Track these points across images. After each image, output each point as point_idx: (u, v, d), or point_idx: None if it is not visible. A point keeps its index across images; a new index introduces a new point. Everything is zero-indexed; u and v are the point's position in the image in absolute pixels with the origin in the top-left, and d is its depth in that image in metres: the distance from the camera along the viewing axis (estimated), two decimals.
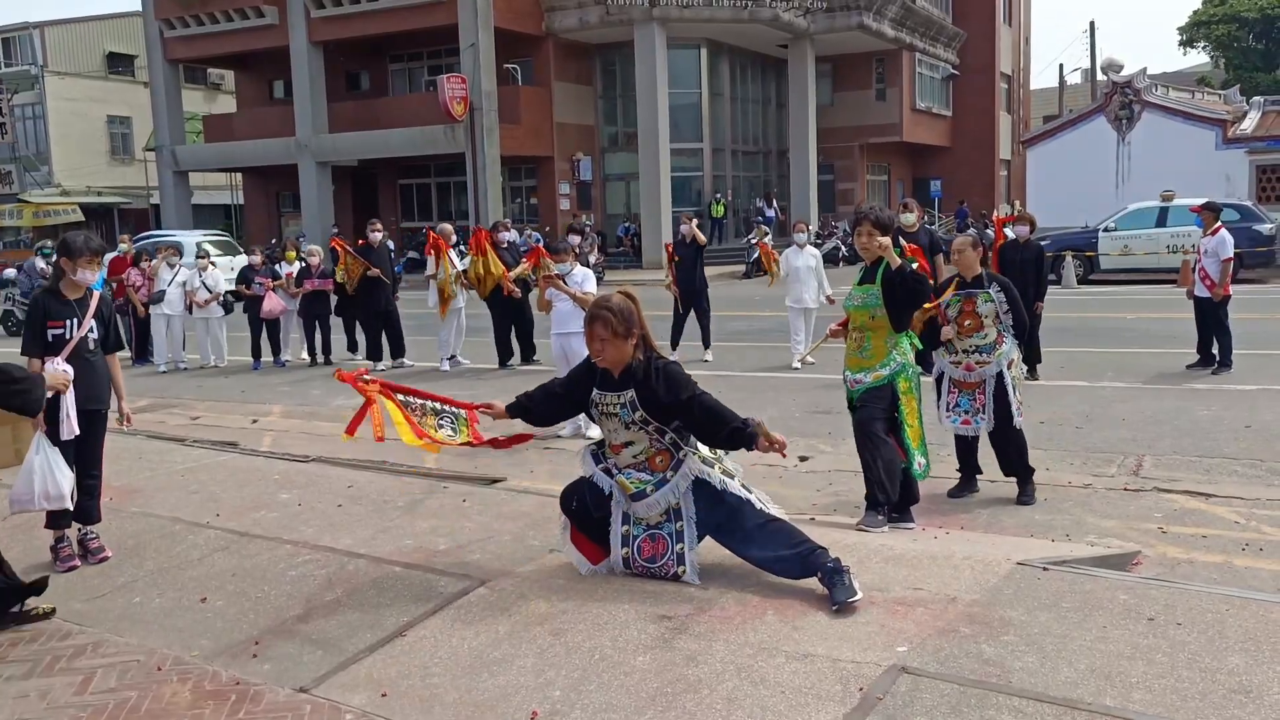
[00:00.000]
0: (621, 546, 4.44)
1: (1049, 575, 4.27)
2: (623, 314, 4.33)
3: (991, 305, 6.41)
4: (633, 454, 4.41)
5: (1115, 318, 15.76)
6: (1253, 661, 3.41)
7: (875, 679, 3.39)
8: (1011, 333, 6.48)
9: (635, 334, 4.37)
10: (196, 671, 3.82)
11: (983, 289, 6.44)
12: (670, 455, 4.39)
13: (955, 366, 6.52)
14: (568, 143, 33.46)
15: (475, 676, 3.63)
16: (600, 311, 4.35)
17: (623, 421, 4.37)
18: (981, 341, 6.46)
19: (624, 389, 4.36)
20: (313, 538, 5.13)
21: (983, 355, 6.45)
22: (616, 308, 4.35)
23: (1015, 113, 46.58)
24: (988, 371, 6.43)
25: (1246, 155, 26.78)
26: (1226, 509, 6.29)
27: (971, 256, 6.48)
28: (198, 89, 45.02)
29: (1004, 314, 6.43)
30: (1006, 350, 6.45)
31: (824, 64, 37.40)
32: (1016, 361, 6.54)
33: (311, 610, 4.28)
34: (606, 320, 4.32)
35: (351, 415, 4.83)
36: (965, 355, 6.49)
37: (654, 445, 4.39)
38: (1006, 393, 6.38)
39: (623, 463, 4.43)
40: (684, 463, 4.38)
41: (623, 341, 4.33)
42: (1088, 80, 47.95)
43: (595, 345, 4.38)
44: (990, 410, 6.42)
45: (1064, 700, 3.19)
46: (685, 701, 3.35)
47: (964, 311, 6.46)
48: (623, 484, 4.39)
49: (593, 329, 4.35)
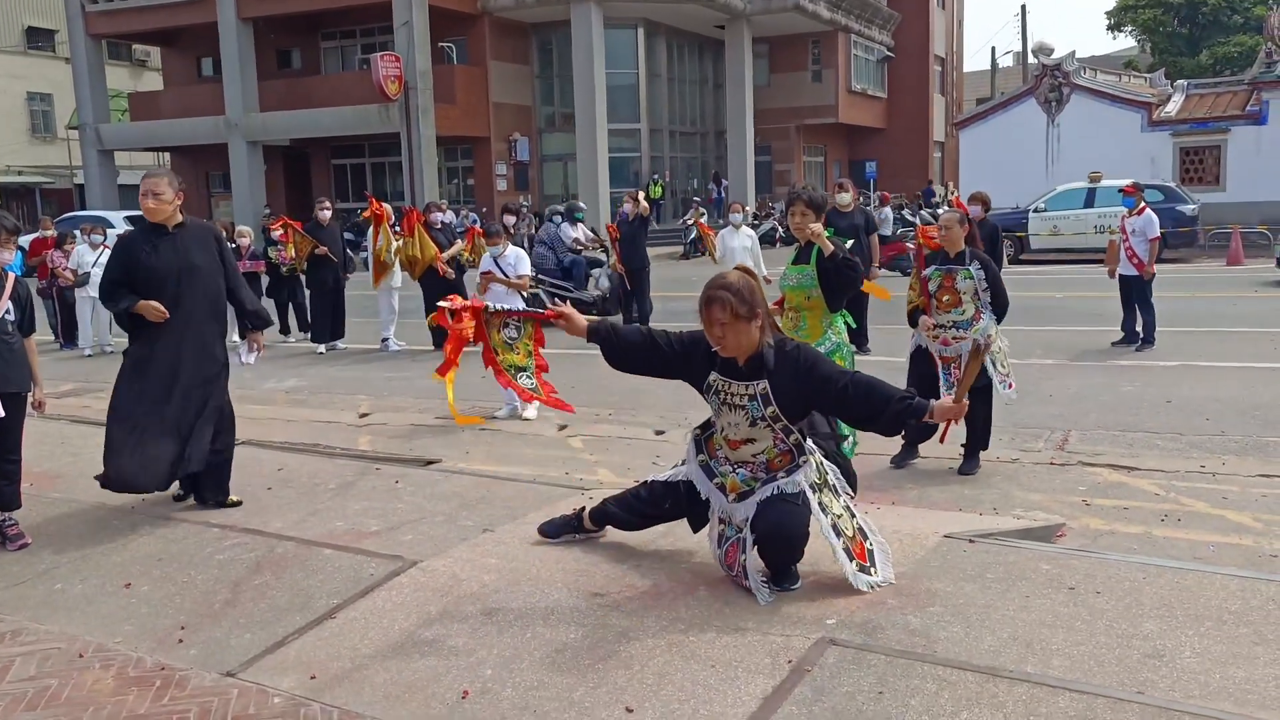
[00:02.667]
0: (717, 546, 4.10)
1: (975, 548, 4.36)
2: (745, 292, 3.77)
3: (971, 282, 6.53)
4: (753, 452, 3.94)
5: (1044, 296, 16.07)
6: (1166, 627, 3.51)
7: (804, 652, 3.44)
8: (990, 310, 6.60)
9: (760, 315, 3.82)
10: (120, 658, 3.74)
11: (963, 266, 6.56)
12: (791, 458, 3.94)
13: (933, 340, 6.64)
14: (504, 123, 33.20)
15: (406, 657, 3.61)
16: (717, 292, 3.76)
17: (750, 416, 3.88)
18: (959, 317, 6.58)
19: (754, 379, 3.86)
20: (241, 521, 5.05)
21: (960, 330, 6.58)
22: (736, 285, 3.77)
23: (949, 95, 47.22)
24: (964, 347, 6.55)
25: (1170, 137, 27.39)
26: (1148, 481, 6.45)
27: (958, 233, 6.57)
28: (123, 65, 43.84)
29: (983, 291, 6.55)
30: (984, 326, 6.57)
31: (760, 45, 37.57)
32: (994, 336, 6.66)
33: (239, 594, 4.22)
34: (725, 302, 3.73)
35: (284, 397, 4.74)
36: (942, 330, 6.62)
37: (778, 446, 3.93)
38: (985, 368, 6.49)
39: (737, 459, 4.00)
40: (799, 469, 3.92)
41: (747, 325, 3.78)
42: (1019, 63, 48.69)
43: (715, 332, 3.82)
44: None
45: (986, 668, 3.26)
46: (617, 677, 3.37)
47: (943, 287, 6.58)
48: (731, 483, 4.00)
49: (710, 312, 3.78)
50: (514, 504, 5.18)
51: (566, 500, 5.13)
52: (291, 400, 10.29)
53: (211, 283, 5.37)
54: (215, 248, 5.46)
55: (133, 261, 5.27)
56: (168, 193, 5.25)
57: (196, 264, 5.30)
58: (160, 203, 5.23)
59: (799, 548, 3.89)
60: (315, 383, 11.25)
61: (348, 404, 9.87)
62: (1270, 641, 3.38)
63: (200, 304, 5.31)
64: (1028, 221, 22.78)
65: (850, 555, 3.90)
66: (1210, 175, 27.24)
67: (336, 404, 9.96)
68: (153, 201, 5.22)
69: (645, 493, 4.34)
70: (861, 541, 4.00)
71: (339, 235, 14.05)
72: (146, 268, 5.23)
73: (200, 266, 5.31)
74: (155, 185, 5.23)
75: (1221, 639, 3.42)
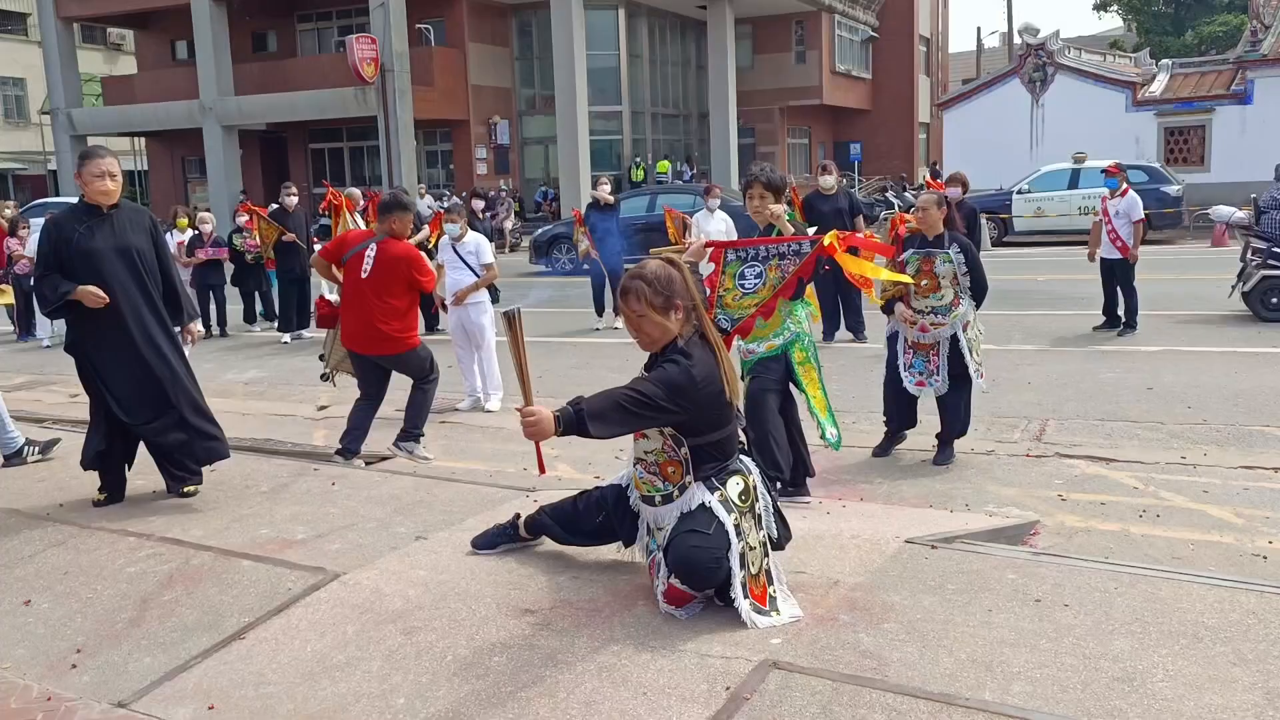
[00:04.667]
0: (646, 555, 3.84)
1: (937, 554, 4.08)
2: (660, 283, 3.55)
3: (950, 266, 6.29)
4: (645, 449, 3.71)
5: (1026, 280, 15.81)
6: (1137, 645, 3.23)
7: (744, 677, 3.15)
8: (969, 295, 6.37)
9: (680, 306, 3.58)
10: (4, 686, 3.43)
11: (943, 249, 6.31)
12: (684, 470, 3.63)
13: (910, 327, 6.39)
14: (484, 106, 32.77)
15: (314, 684, 3.31)
16: (631, 282, 3.57)
17: None
18: (938, 303, 6.34)
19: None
20: (161, 529, 4.73)
21: (938, 316, 6.34)
22: (650, 276, 3.56)
23: (934, 76, 46.87)
24: (942, 333, 6.34)
25: (1155, 118, 27.13)
26: (1127, 474, 6.21)
27: (935, 216, 6.32)
28: (97, 49, 43.22)
29: (962, 275, 6.31)
30: (963, 312, 6.35)
31: (743, 26, 37.12)
32: (973, 323, 6.45)
33: (145, 612, 3.91)
34: (639, 293, 3.54)
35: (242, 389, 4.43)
36: (920, 315, 6.37)
37: (667, 453, 3.65)
38: (962, 354, 6.31)
39: (638, 454, 3.76)
40: (691, 489, 3.62)
41: (662, 316, 3.55)
42: (1005, 44, 48.33)
43: (630, 324, 3.63)
44: (944, 372, 6.35)
45: (940, 695, 2.98)
46: (539, 707, 3.07)
47: (922, 271, 6.33)
48: (636, 482, 3.80)
49: (625, 302, 3.59)
50: (453, 508, 4.87)
51: (510, 504, 4.84)
52: (249, 392, 9.97)
53: (150, 265, 5.11)
54: (150, 230, 5.20)
55: (65, 244, 4.98)
56: (120, 173, 5.05)
57: (135, 245, 5.05)
58: (117, 183, 5.00)
59: (713, 577, 3.52)
60: (276, 374, 10.92)
61: (307, 396, 9.56)
62: (1250, 662, 3.10)
63: (142, 287, 5.06)
64: (1011, 203, 22.51)
65: (746, 592, 3.55)
66: (1195, 155, 26.99)
67: (295, 396, 9.65)
68: (110, 183, 4.96)
69: (581, 505, 4.04)
70: (765, 585, 3.63)
71: (305, 222, 13.71)
72: (83, 251, 4.94)
73: (139, 248, 5.06)
74: (111, 166, 4.99)
75: (1198, 659, 3.14)
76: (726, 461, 3.70)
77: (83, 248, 4.96)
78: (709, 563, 3.48)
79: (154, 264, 5.16)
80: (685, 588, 3.54)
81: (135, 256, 5.05)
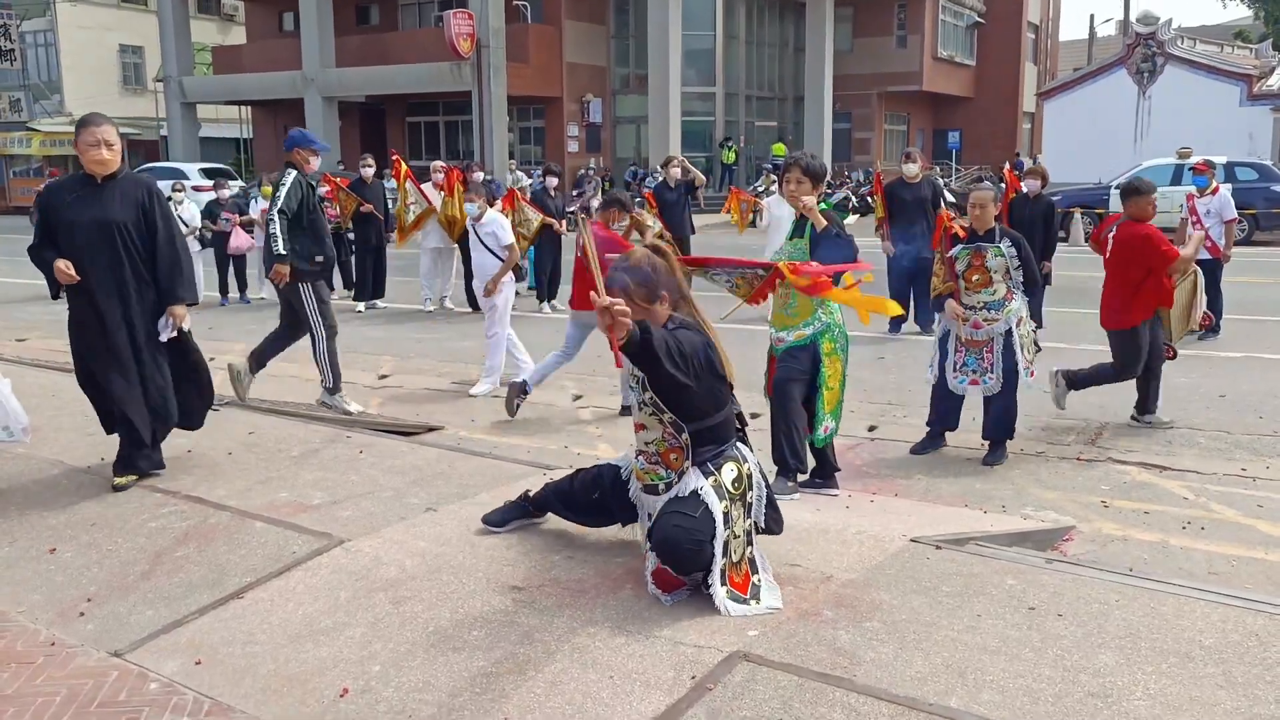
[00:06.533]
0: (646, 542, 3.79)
1: (940, 555, 3.98)
2: (644, 273, 3.54)
3: (1001, 260, 6.17)
4: (646, 440, 3.72)
5: None
6: (1124, 660, 3.11)
7: (712, 667, 3.13)
8: (1022, 289, 6.24)
9: (665, 297, 3.58)
10: (14, 630, 3.60)
11: (993, 243, 6.19)
12: (685, 456, 3.63)
13: (962, 324, 6.27)
14: (578, 83, 32.84)
15: (298, 646, 3.40)
16: (614, 274, 3.54)
17: (639, 399, 3.69)
18: (990, 298, 6.22)
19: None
20: (188, 487, 4.89)
21: (991, 312, 6.22)
22: (634, 267, 3.55)
23: (1041, 64, 45.39)
24: (996, 329, 6.21)
25: (1271, 112, 25.90)
26: (1179, 483, 5.98)
27: (990, 211, 6.23)
28: (211, 20, 44.48)
29: (1014, 270, 6.18)
30: (1016, 308, 6.22)
31: (844, 8, 36.49)
32: (1025, 319, 6.31)
33: (157, 566, 4.05)
34: (623, 285, 3.52)
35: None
36: (973, 312, 6.25)
37: (668, 441, 3.65)
38: (1014, 351, 6.18)
39: (639, 445, 3.77)
40: (690, 473, 3.62)
41: (647, 308, 3.53)
42: (1122, 32, 46.61)
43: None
44: (999, 369, 6.22)
45: (905, 699, 2.91)
46: (505, 683, 3.10)
47: (972, 266, 6.22)
48: (637, 473, 3.80)
49: (610, 295, 3.45)
50: (469, 482, 4.93)
51: (526, 480, 4.87)
52: None
53: (136, 240, 4.89)
54: (147, 203, 4.94)
55: (52, 213, 4.88)
56: (118, 142, 4.86)
57: (118, 219, 4.83)
58: (114, 152, 4.81)
59: (695, 560, 3.49)
60: (346, 341, 11.08)
61: (371, 364, 9.76)
62: (1238, 685, 2.96)
63: (119, 263, 4.85)
64: (1109, 198, 21.72)
65: (724, 580, 3.52)
66: None
67: (360, 364, 9.84)
68: (106, 151, 4.79)
69: (577, 483, 4.05)
70: (748, 573, 3.59)
71: (383, 193, 13.98)
72: (65, 222, 4.83)
73: (120, 221, 4.83)
74: (108, 134, 4.80)
75: (1184, 679, 3.01)
76: (723, 446, 3.68)
77: (65, 219, 4.83)
78: (689, 544, 3.45)
79: (141, 239, 4.91)
80: (670, 570, 3.53)
81: (116, 230, 4.82)
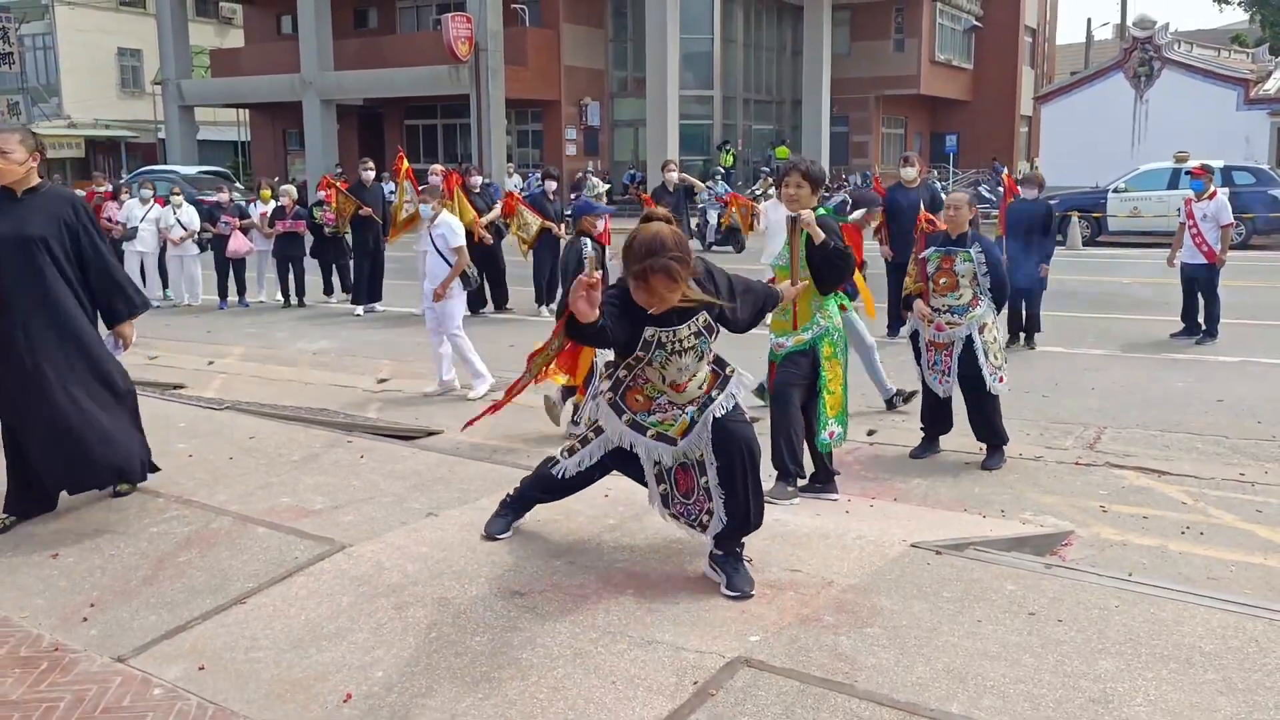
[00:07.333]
0: (659, 484, 3.85)
1: (940, 560, 3.99)
2: (683, 250, 3.49)
3: (970, 265, 6.19)
4: (697, 385, 3.75)
5: (1111, 282, 15.33)
6: (1124, 666, 3.13)
7: (714, 672, 3.14)
8: (990, 296, 6.23)
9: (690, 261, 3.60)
10: (18, 635, 3.61)
11: (964, 248, 6.20)
12: (719, 375, 3.79)
13: (927, 325, 6.29)
14: (576, 87, 32.87)
15: (302, 651, 3.41)
16: (663, 262, 3.42)
17: (699, 352, 3.70)
18: (955, 302, 6.24)
19: (691, 315, 3.63)
20: (189, 492, 4.89)
21: (954, 316, 6.24)
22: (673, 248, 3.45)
23: (1039, 68, 45.46)
24: (958, 333, 6.22)
25: (1268, 117, 25.96)
26: (1177, 488, 6.00)
27: (965, 215, 6.25)
28: (209, 23, 44.50)
29: (982, 276, 6.19)
30: (980, 313, 6.22)
31: (841, 12, 36.57)
32: (991, 325, 6.31)
33: (160, 571, 4.06)
34: (672, 272, 3.43)
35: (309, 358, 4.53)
36: (938, 314, 6.27)
37: (710, 367, 3.80)
38: (976, 358, 6.16)
39: (685, 400, 3.74)
40: (730, 379, 3.77)
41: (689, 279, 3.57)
42: (1118, 36, 46.68)
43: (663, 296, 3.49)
44: (953, 374, 6.24)
45: (906, 705, 2.93)
46: (509, 689, 3.11)
47: (941, 269, 6.25)
48: (681, 424, 3.72)
49: (655, 282, 3.44)
50: (469, 486, 4.95)
51: None
52: (315, 362, 10.22)
53: (61, 257, 4.54)
54: (70, 217, 4.58)
55: None
56: (18, 152, 4.43)
57: (37, 235, 4.46)
58: (9, 162, 4.40)
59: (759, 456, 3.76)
60: (345, 345, 11.18)
61: (369, 368, 9.77)
62: (1238, 691, 2.98)
63: (42, 282, 4.48)
64: (1106, 201, 21.78)
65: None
66: None
67: (358, 368, 9.86)
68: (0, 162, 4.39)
69: (559, 480, 4.09)
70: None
71: (382, 196, 14.00)
72: None
73: (41, 237, 4.47)
74: (4, 142, 4.38)
75: (1184, 685, 3.03)
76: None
77: None
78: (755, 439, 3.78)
79: (66, 255, 4.57)
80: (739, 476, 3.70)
81: (35, 247, 4.46)
